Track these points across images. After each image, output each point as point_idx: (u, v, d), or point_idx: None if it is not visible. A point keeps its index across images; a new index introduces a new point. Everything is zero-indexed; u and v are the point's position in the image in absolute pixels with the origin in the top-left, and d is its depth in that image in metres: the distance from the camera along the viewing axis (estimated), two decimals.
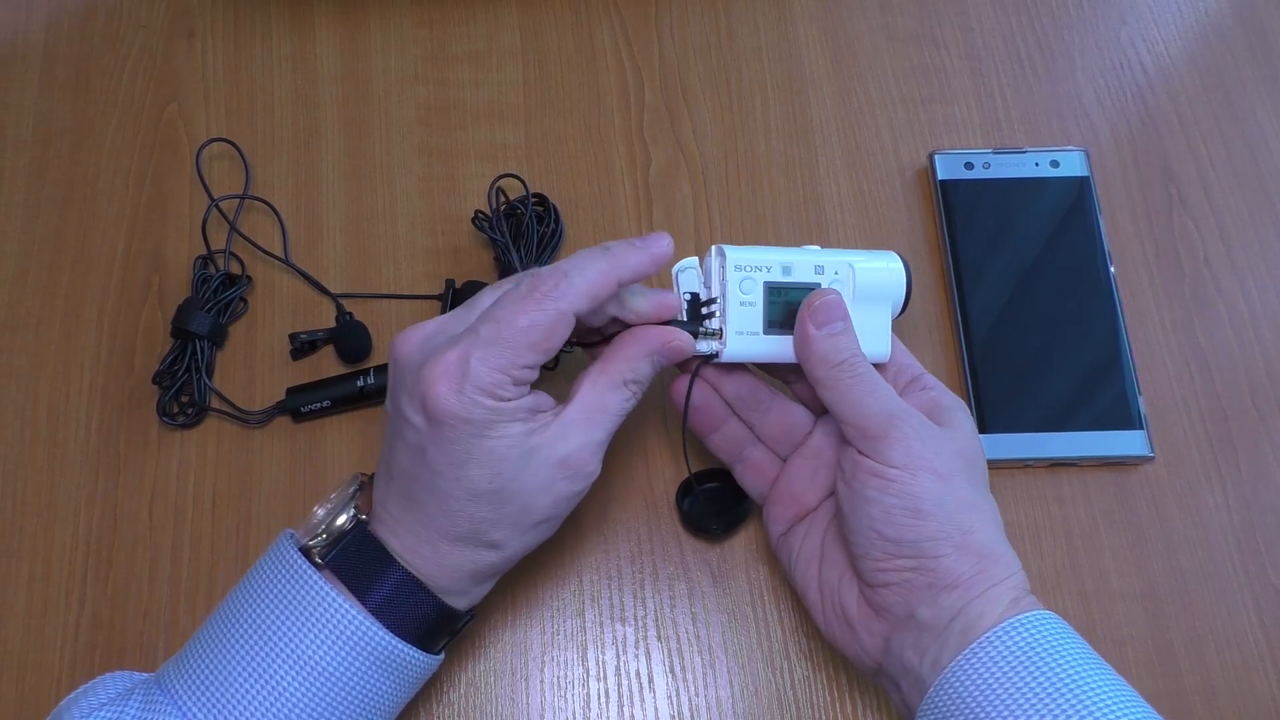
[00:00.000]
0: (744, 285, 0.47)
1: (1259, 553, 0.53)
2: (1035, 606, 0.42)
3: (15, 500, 0.53)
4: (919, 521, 0.42)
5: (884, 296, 0.48)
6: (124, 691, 0.43)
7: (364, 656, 0.42)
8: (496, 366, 0.41)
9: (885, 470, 0.43)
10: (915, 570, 0.42)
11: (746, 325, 0.46)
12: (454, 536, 0.43)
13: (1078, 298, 0.57)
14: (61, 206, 0.59)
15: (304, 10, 0.64)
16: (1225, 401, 0.56)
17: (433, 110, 0.62)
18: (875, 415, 0.44)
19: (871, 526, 0.43)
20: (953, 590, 0.42)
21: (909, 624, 0.42)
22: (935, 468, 0.43)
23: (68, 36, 0.63)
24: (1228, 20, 0.65)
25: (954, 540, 0.42)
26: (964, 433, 0.46)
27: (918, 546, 0.42)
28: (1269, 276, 0.59)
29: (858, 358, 0.45)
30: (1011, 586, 0.42)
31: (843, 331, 0.46)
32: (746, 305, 0.46)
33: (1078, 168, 0.60)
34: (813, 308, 0.46)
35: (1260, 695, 0.50)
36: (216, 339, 0.55)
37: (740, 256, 0.47)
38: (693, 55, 0.64)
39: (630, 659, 0.51)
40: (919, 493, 0.42)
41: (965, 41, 0.64)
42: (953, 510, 0.42)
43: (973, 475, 0.45)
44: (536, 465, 0.42)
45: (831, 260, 0.48)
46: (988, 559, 0.42)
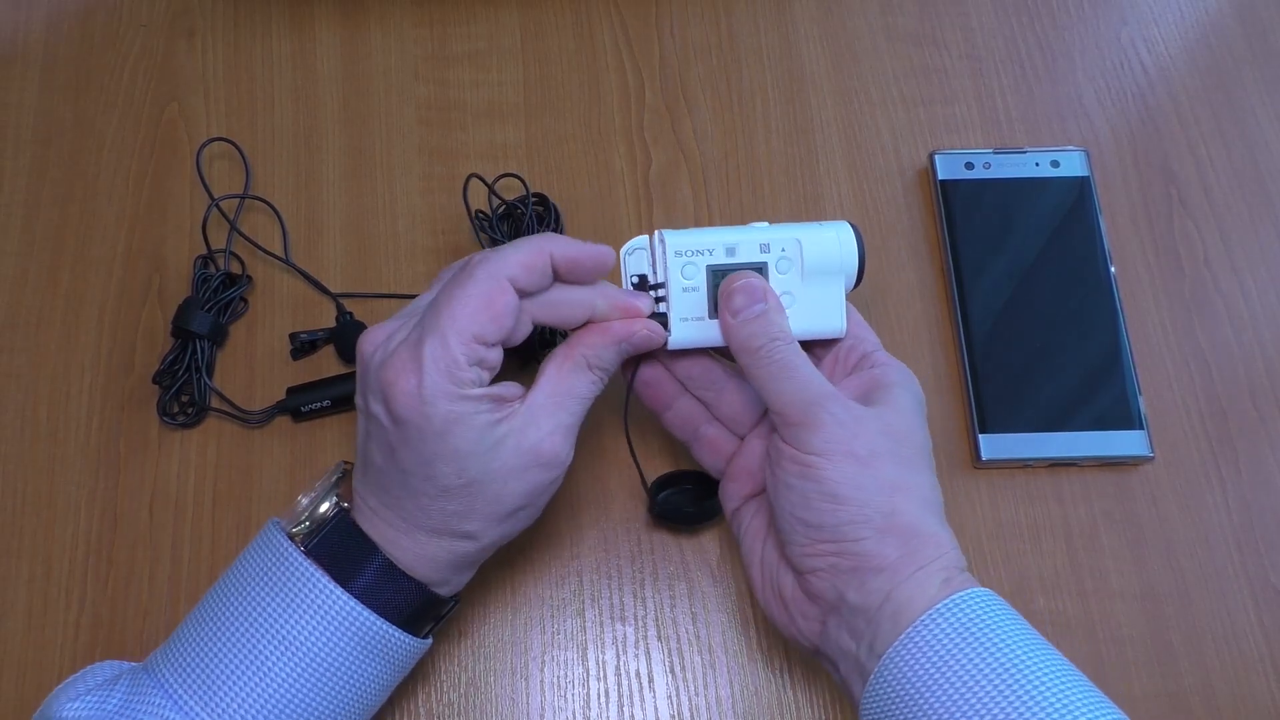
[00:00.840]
0: (686, 270, 0.46)
1: (1258, 553, 0.53)
2: (969, 585, 0.41)
3: (15, 500, 0.53)
4: (837, 506, 0.41)
5: (835, 269, 0.47)
6: (110, 678, 0.43)
7: (350, 638, 0.42)
8: (448, 351, 0.41)
9: (803, 457, 0.42)
10: (838, 555, 0.42)
11: (690, 311, 0.46)
12: (430, 529, 0.43)
13: (1078, 298, 0.57)
14: (61, 206, 0.59)
15: (304, 10, 0.64)
16: (1225, 401, 0.56)
17: (433, 110, 0.62)
18: (794, 402, 0.43)
19: (792, 512, 0.42)
20: (879, 574, 0.41)
21: (840, 608, 0.42)
22: (854, 451, 0.42)
23: (68, 36, 0.63)
24: (1228, 20, 0.65)
25: (874, 524, 0.41)
26: (898, 409, 0.44)
27: (837, 530, 0.41)
28: (1269, 276, 0.59)
29: (777, 342, 0.44)
30: (942, 567, 0.41)
31: (760, 315, 0.45)
32: (690, 291, 0.46)
33: (1078, 168, 0.60)
34: (726, 293, 0.45)
35: (1260, 695, 0.50)
36: (217, 338, 0.55)
37: (681, 241, 0.46)
38: (693, 55, 0.64)
39: (630, 659, 0.51)
40: (836, 478, 0.41)
41: (965, 41, 0.64)
42: (872, 493, 0.41)
43: (901, 453, 0.43)
44: (505, 454, 0.42)
45: (778, 237, 0.46)
46: (914, 540, 0.41)
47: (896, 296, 0.58)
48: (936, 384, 0.56)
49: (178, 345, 0.55)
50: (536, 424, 0.43)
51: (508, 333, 0.42)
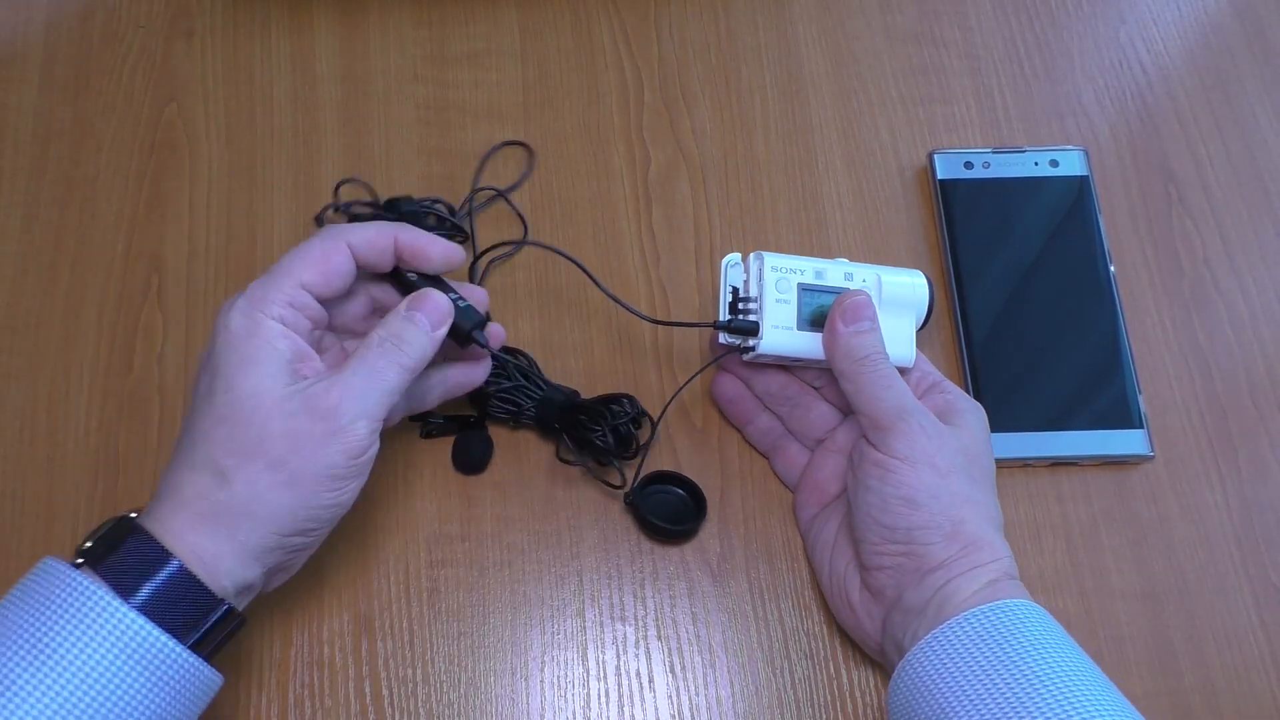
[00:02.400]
0: (779, 285, 0.50)
1: (1259, 551, 0.53)
2: (1014, 592, 0.44)
3: (14, 501, 0.53)
4: (913, 511, 0.45)
5: (908, 306, 0.51)
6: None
7: (94, 629, 0.38)
8: (267, 286, 0.44)
9: (887, 461, 0.46)
10: (906, 555, 0.45)
11: (781, 320, 0.50)
12: (192, 462, 0.41)
13: (1078, 297, 0.57)
14: (61, 206, 0.59)
15: (303, 10, 0.64)
16: (1225, 400, 0.56)
17: (433, 110, 0.62)
18: (887, 409, 0.46)
19: (869, 513, 0.46)
20: (935, 571, 0.44)
21: (899, 606, 0.45)
22: (935, 462, 0.46)
23: (67, 37, 0.63)
24: (1227, 20, 0.65)
25: (944, 529, 0.45)
26: (972, 433, 0.48)
27: (909, 534, 0.45)
28: (1269, 276, 0.59)
29: (880, 355, 0.48)
30: (992, 570, 0.44)
31: (869, 330, 0.48)
32: (781, 303, 0.50)
33: (1077, 167, 0.60)
34: (843, 306, 0.49)
35: (1260, 694, 0.50)
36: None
37: (777, 260, 0.50)
38: (692, 55, 0.64)
39: (630, 658, 0.51)
40: (915, 483, 0.45)
41: (965, 41, 0.64)
42: (946, 503, 0.45)
43: (973, 472, 0.47)
44: (286, 401, 0.42)
45: (861, 270, 0.51)
46: (972, 545, 0.45)
47: None
48: None
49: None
50: (330, 390, 0.42)
51: (334, 289, 0.45)
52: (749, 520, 0.53)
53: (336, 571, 0.51)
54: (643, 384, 0.56)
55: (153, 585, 0.39)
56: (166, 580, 0.40)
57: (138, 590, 0.39)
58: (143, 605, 0.39)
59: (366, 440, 0.42)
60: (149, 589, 0.39)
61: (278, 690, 0.49)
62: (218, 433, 0.41)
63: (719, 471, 0.54)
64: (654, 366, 0.56)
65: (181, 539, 0.40)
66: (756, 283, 0.50)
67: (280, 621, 0.51)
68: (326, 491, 0.42)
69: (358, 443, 0.42)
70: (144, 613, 0.38)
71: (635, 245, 0.59)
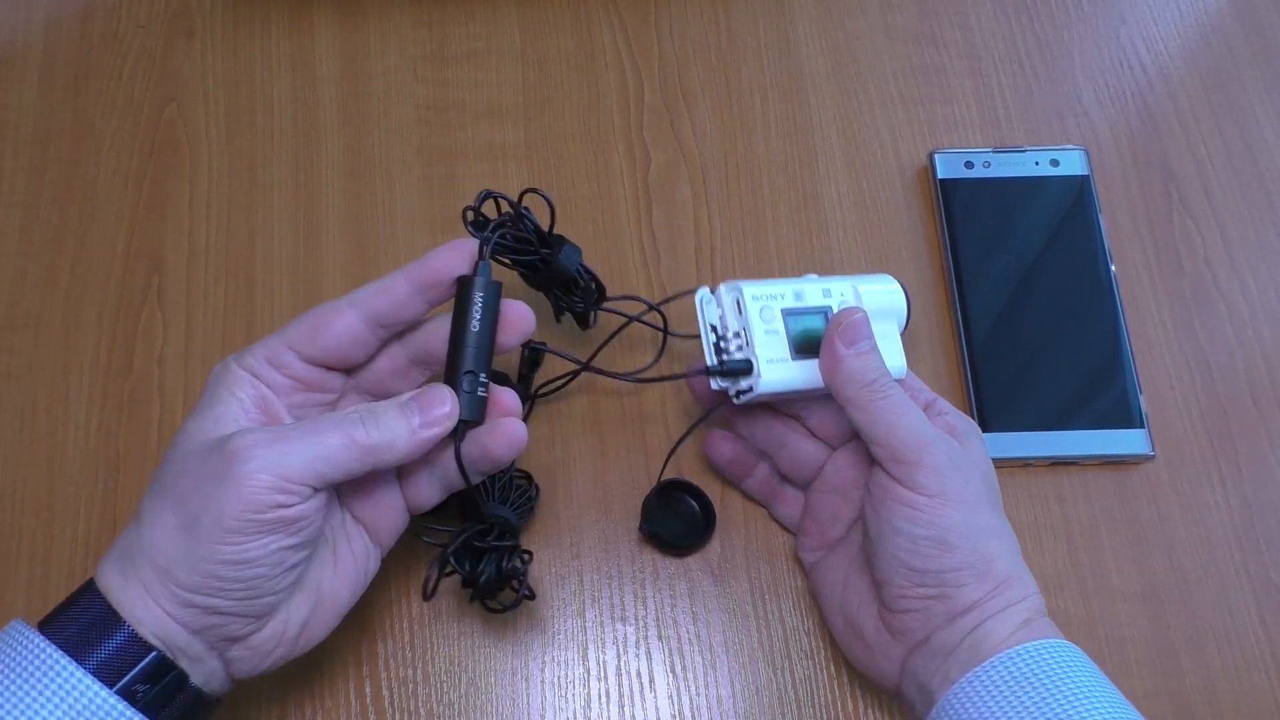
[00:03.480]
0: (764, 314, 0.46)
1: (1260, 551, 0.53)
2: (1047, 632, 0.42)
3: (15, 500, 0.53)
4: (945, 553, 0.42)
5: (890, 313, 0.49)
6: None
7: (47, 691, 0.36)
8: (254, 344, 0.42)
9: (915, 499, 0.42)
10: (937, 598, 0.42)
11: (775, 352, 0.46)
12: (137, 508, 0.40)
13: (1078, 297, 0.57)
14: (61, 206, 0.59)
15: (303, 10, 0.64)
16: (1225, 400, 0.56)
17: (432, 110, 0.62)
18: (908, 439, 0.43)
19: (897, 555, 0.43)
20: (968, 613, 0.42)
21: (925, 647, 0.43)
22: (964, 496, 0.43)
23: (67, 37, 0.63)
24: (1228, 20, 0.65)
25: (976, 569, 0.42)
26: (981, 456, 0.46)
27: (941, 576, 0.42)
28: (1269, 275, 0.59)
29: (886, 377, 0.45)
30: (1025, 608, 0.42)
31: (870, 350, 0.45)
32: (771, 333, 0.46)
33: (1078, 167, 0.60)
34: (841, 327, 0.45)
35: (1262, 694, 0.50)
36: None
37: (754, 287, 0.47)
38: (692, 55, 0.64)
39: (631, 658, 0.51)
40: (947, 523, 0.42)
41: (965, 41, 0.64)
42: (977, 540, 0.42)
43: (993, 499, 0.45)
44: (211, 441, 0.39)
45: (836, 285, 0.48)
46: (1004, 583, 0.42)
47: None
48: (937, 383, 0.56)
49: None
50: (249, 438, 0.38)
51: (328, 350, 0.42)
52: (750, 521, 0.53)
53: None
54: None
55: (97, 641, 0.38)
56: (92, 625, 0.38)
57: (90, 649, 0.37)
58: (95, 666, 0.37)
59: (267, 498, 0.37)
60: (99, 647, 0.38)
61: (278, 690, 0.49)
62: (154, 474, 0.40)
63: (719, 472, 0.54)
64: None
65: (108, 584, 0.39)
66: (735, 316, 0.47)
67: None
68: (222, 545, 0.37)
69: (255, 496, 0.37)
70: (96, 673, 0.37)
71: (635, 245, 0.59)
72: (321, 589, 0.42)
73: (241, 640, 0.40)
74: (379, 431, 0.40)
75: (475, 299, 0.42)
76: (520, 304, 0.44)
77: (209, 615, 0.39)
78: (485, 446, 0.43)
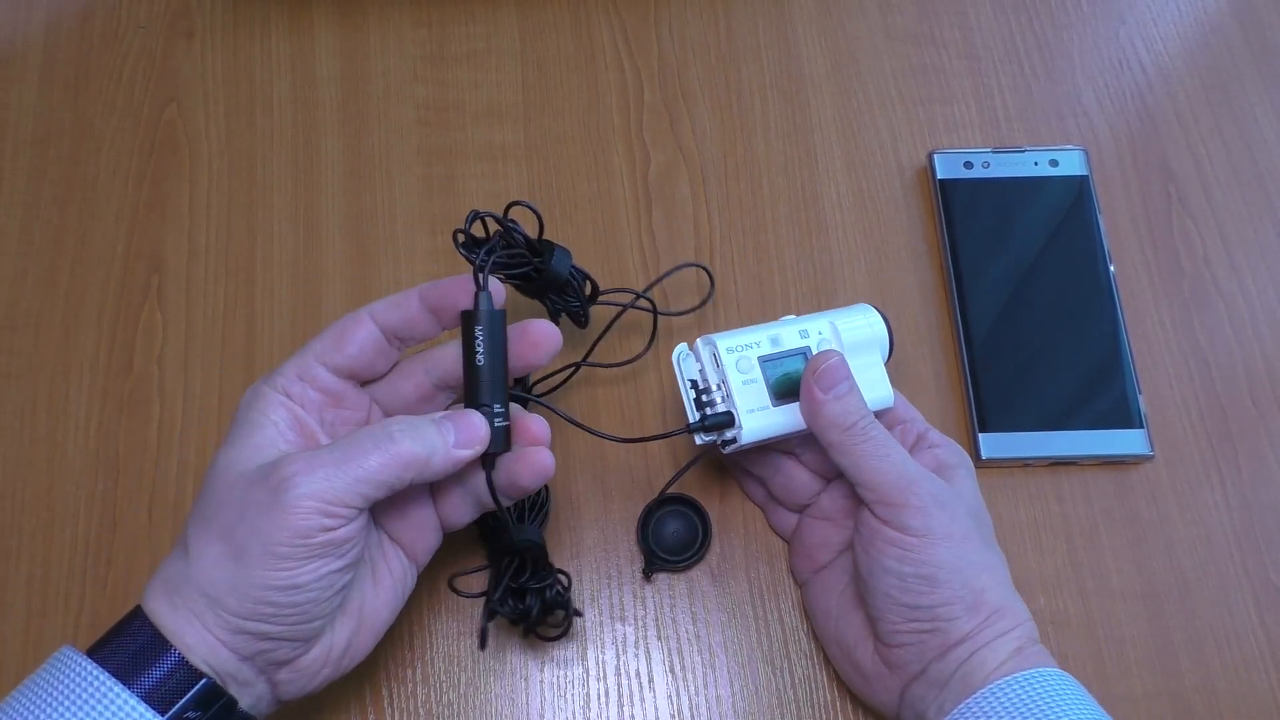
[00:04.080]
0: (740, 365, 0.47)
1: (1259, 551, 0.53)
2: (1040, 659, 0.42)
3: (15, 500, 0.53)
4: (935, 589, 0.43)
5: (871, 344, 0.49)
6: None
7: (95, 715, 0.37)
8: (285, 363, 0.43)
9: (904, 539, 0.43)
10: (930, 632, 0.43)
11: (755, 402, 0.47)
12: (178, 537, 0.41)
13: (1078, 297, 0.57)
14: (61, 206, 0.59)
15: (303, 10, 0.64)
16: (1225, 400, 0.56)
17: (432, 110, 0.62)
18: (892, 481, 0.44)
19: (887, 593, 0.43)
20: (961, 644, 0.43)
21: (922, 678, 0.43)
22: (951, 532, 0.43)
23: (67, 37, 0.63)
24: (1227, 20, 0.65)
25: (966, 602, 0.43)
26: (969, 489, 0.46)
27: (933, 611, 0.43)
28: (1269, 276, 0.59)
29: (867, 419, 0.45)
30: (1016, 636, 0.43)
31: (849, 392, 0.46)
32: (749, 383, 0.47)
33: (1077, 167, 0.60)
34: (817, 372, 0.46)
35: (1261, 694, 0.50)
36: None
37: (729, 340, 0.47)
38: (692, 55, 0.64)
39: (630, 658, 0.51)
40: (935, 560, 0.43)
41: (965, 41, 0.64)
42: (967, 575, 0.43)
43: (982, 532, 0.45)
44: (254, 470, 0.39)
45: (813, 324, 0.49)
46: (996, 614, 0.43)
47: (896, 296, 0.58)
48: (936, 384, 0.56)
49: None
50: (292, 463, 0.39)
51: (354, 358, 0.43)
52: (749, 521, 0.53)
53: None
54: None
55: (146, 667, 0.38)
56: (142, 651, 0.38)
57: (139, 675, 0.38)
58: (144, 692, 0.37)
59: (314, 522, 0.38)
60: (147, 673, 0.38)
61: None
62: (195, 504, 0.41)
63: (719, 472, 0.54)
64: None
65: (156, 613, 0.39)
66: (714, 369, 0.47)
67: None
68: (272, 570, 0.38)
69: (302, 522, 0.38)
70: (146, 699, 0.37)
71: (635, 245, 0.59)
72: (364, 609, 0.43)
73: (290, 664, 0.41)
74: (419, 443, 0.40)
75: (477, 334, 0.42)
76: (544, 324, 0.44)
77: (259, 641, 0.39)
78: (514, 475, 0.43)
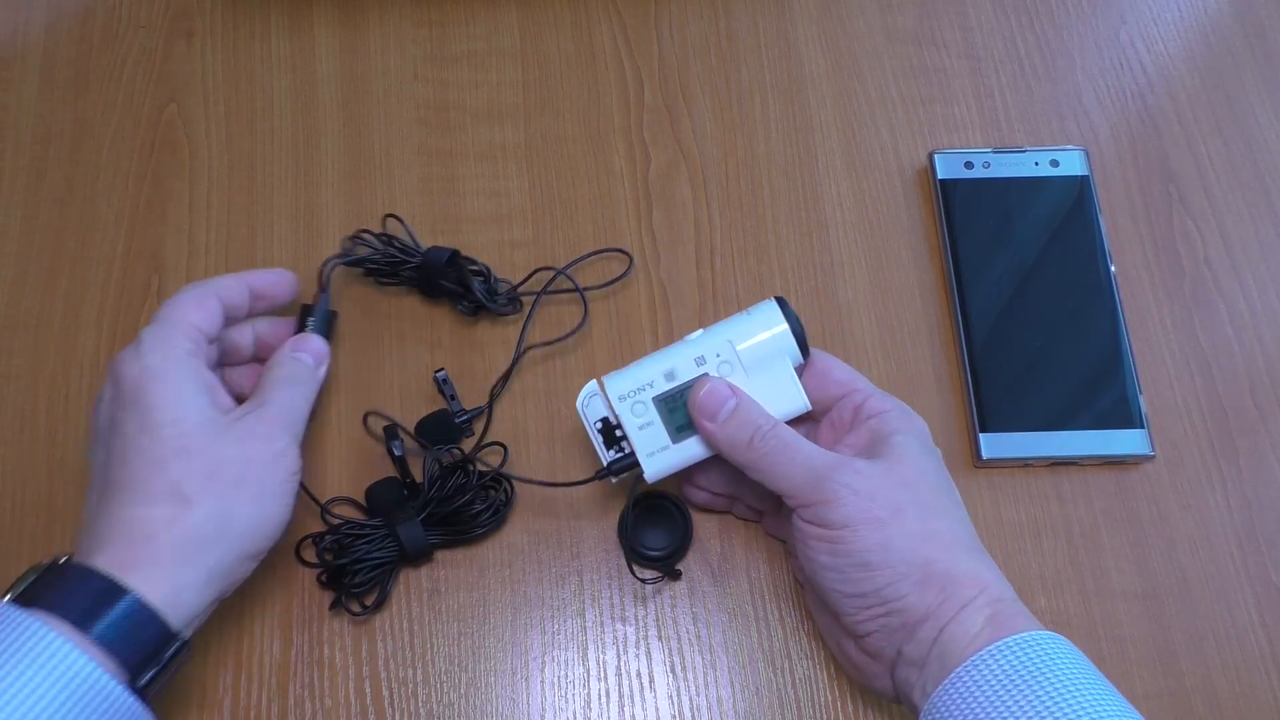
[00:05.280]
0: (635, 410, 0.47)
1: (1260, 551, 0.53)
2: (1017, 624, 0.41)
3: (15, 501, 0.53)
4: (871, 573, 0.42)
5: (776, 352, 0.47)
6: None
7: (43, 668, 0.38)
8: (163, 327, 0.47)
9: (828, 534, 0.43)
10: (886, 614, 0.43)
11: (655, 444, 0.47)
12: (140, 498, 0.42)
13: (1078, 297, 0.57)
14: (61, 207, 0.59)
15: (303, 11, 0.64)
16: (1225, 400, 0.56)
17: (432, 110, 0.62)
18: (803, 482, 0.44)
19: (831, 587, 0.44)
20: (924, 622, 0.42)
21: (901, 661, 0.43)
22: (877, 515, 0.43)
23: (67, 37, 0.63)
24: (1227, 20, 0.65)
25: (912, 578, 0.42)
26: (905, 458, 0.45)
27: (878, 595, 0.42)
28: (1269, 276, 0.59)
29: (763, 429, 0.45)
30: (985, 603, 0.42)
31: (734, 411, 0.46)
32: (646, 426, 0.47)
33: (1078, 167, 0.60)
34: (697, 405, 0.46)
35: (1261, 694, 0.50)
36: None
37: (621, 385, 0.47)
38: (692, 55, 0.64)
39: (631, 659, 0.51)
40: (863, 547, 0.42)
41: (965, 41, 0.64)
42: (902, 551, 0.42)
43: (921, 500, 0.44)
44: (229, 430, 0.45)
45: (711, 345, 0.48)
46: (951, 584, 0.42)
47: (896, 296, 0.58)
48: (937, 384, 0.56)
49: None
50: (263, 417, 0.47)
51: (214, 331, 0.49)
52: (749, 522, 0.53)
53: None
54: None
55: (108, 621, 0.40)
56: (124, 616, 0.40)
57: (91, 626, 0.39)
58: (100, 638, 0.39)
59: (299, 460, 0.47)
60: (104, 624, 0.40)
61: (278, 690, 0.49)
62: (174, 464, 0.43)
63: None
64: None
65: (138, 573, 0.41)
66: (613, 413, 0.48)
67: (280, 621, 0.50)
68: (280, 507, 0.46)
69: (294, 462, 0.47)
70: (102, 645, 0.39)
71: (635, 245, 0.59)
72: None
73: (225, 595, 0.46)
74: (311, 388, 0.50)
75: (308, 324, 0.53)
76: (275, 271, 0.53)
77: (238, 578, 0.46)
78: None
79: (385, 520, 0.50)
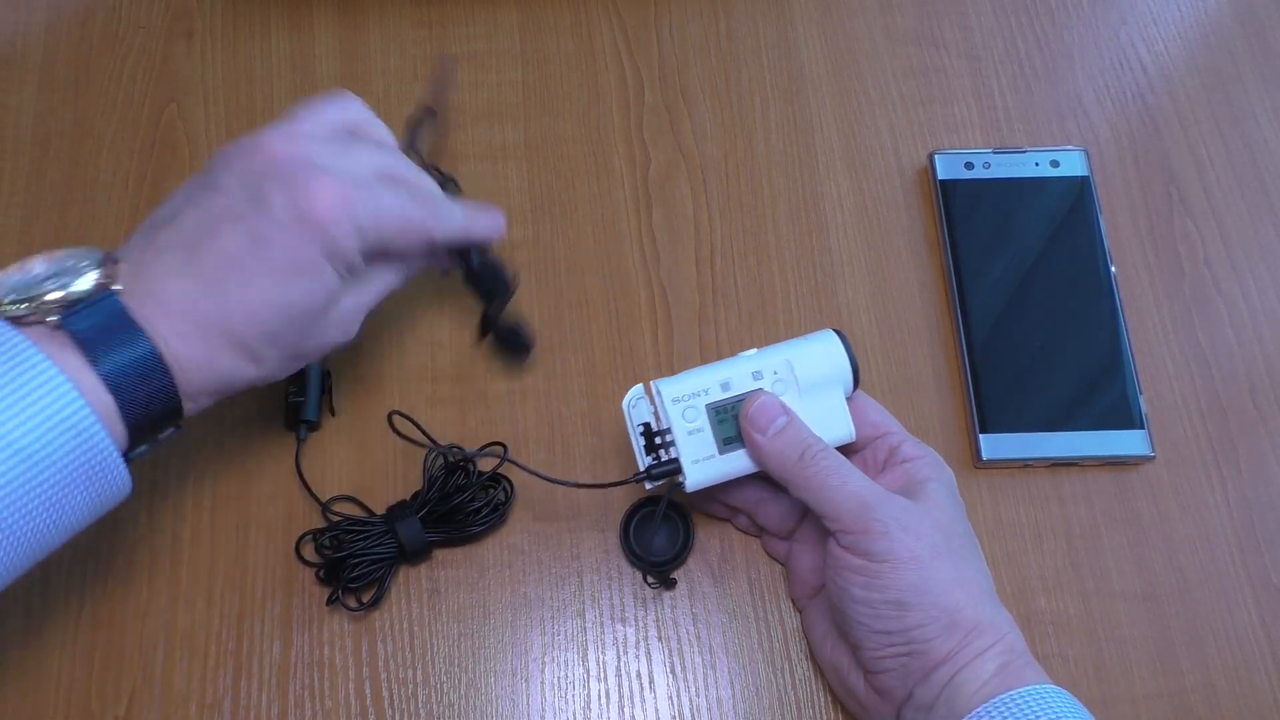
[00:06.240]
0: (687, 414, 0.47)
1: (1260, 551, 0.53)
2: (1025, 676, 0.41)
3: None
4: (905, 613, 0.42)
5: (831, 380, 0.48)
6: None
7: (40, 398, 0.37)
8: (376, 225, 0.45)
9: (868, 566, 0.43)
10: (908, 655, 0.43)
11: (701, 452, 0.47)
12: (235, 339, 0.42)
13: (1078, 298, 0.57)
14: (61, 207, 0.59)
15: (303, 11, 0.64)
16: (1225, 401, 0.56)
17: None
18: (850, 509, 0.44)
19: (860, 621, 0.43)
20: (941, 666, 0.42)
21: (910, 703, 0.43)
22: (918, 554, 0.43)
23: (67, 37, 0.63)
24: (1228, 20, 0.65)
25: (941, 622, 0.42)
26: (940, 502, 0.45)
27: (907, 635, 0.42)
28: (1269, 276, 0.59)
29: (815, 447, 0.45)
30: (999, 651, 0.42)
31: (786, 426, 0.46)
32: (695, 433, 0.47)
33: (1078, 167, 0.60)
34: (749, 416, 0.46)
35: (1261, 694, 0.50)
36: None
37: (675, 389, 0.47)
38: (692, 55, 0.64)
39: (631, 659, 0.51)
40: (901, 585, 0.42)
41: (965, 41, 0.64)
42: (937, 595, 0.42)
43: (952, 547, 0.44)
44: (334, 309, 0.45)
45: (769, 362, 0.48)
46: (974, 631, 0.42)
47: (896, 296, 0.58)
48: (936, 384, 0.56)
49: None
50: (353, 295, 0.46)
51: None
52: (748, 534, 0.53)
53: None
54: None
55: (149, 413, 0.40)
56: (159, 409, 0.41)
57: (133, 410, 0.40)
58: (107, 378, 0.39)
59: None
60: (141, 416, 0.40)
61: (278, 690, 0.49)
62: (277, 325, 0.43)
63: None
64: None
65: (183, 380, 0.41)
66: (664, 416, 0.47)
67: (280, 622, 0.51)
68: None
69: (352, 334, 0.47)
70: (108, 385, 0.39)
71: (635, 246, 0.59)
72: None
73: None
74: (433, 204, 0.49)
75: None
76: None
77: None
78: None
79: (384, 517, 0.50)
